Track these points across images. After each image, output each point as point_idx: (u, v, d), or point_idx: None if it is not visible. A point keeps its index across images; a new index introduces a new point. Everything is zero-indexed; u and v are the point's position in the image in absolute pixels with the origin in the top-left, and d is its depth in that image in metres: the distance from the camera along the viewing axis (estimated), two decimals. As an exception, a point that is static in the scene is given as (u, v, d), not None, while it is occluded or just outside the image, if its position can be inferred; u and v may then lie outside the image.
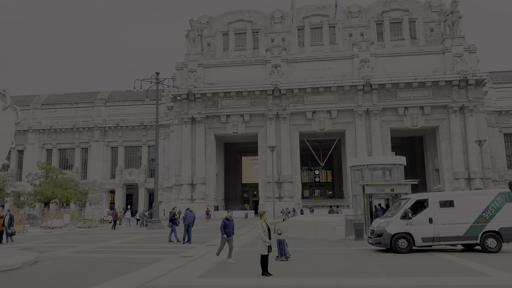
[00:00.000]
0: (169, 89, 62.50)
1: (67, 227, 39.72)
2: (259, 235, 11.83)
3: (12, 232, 24.37)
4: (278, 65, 63.94)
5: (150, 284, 10.66)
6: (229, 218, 14.88)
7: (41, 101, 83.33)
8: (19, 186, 72.04)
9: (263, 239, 11.67)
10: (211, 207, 63.24)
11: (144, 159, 78.77)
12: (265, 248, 11.65)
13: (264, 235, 11.67)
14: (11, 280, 11.52)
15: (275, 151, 54.56)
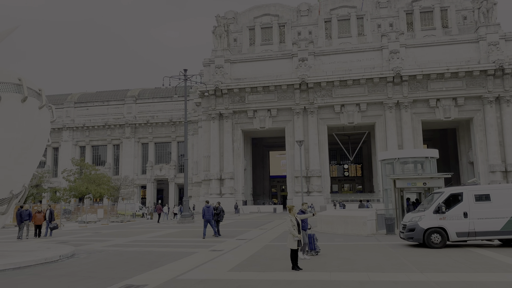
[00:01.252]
0: (196, 85, 63.12)
1: (100, 222, 40.96)
2: (288, 229, 11.81)
3: (54, 226, 25.28)
4: (305, 59, 63.34)
5: (181, 277, 10.83)
6: (305, 211, 14.39)
7: (74, 99, 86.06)
8: (55, 182, 74.88)
9: (293, 234, 11.65)
10: (239, 201, 63.68)
11: (174, 155, 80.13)
12: (294, 243, 11.62)
13: (294, 230, 11.65)
14: (50, 272, 11.99)
15: (303, 145, 54.23)
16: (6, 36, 16.03)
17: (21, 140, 13.76)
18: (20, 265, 12.93)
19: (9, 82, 13.48)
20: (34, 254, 14.79)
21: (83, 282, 10.36)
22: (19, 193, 14.80)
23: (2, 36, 15.95)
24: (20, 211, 23.80)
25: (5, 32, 16.14)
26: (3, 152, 13.31)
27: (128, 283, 10.02)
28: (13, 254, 14.69)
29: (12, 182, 14.14)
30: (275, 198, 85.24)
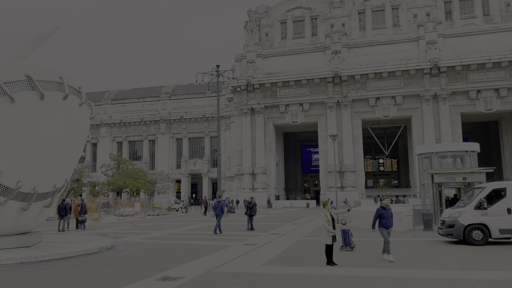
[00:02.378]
0: (229, 81, 63.55)
1: (137, 215, 42.15)
2: (323, 224, 11.71)
3: (82, 220, 26.14)
4: (338, 51, 62.32)
5: (216, 270, 10.98)
6: (386, 207, 12.60)
7: (111, 96, 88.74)
8: (94, 176, 77.68)
9: (327, 229, 11.55)
10: (272, 196, 63.79)
11: (207, 150, 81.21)
12: (329, 238, 11.52)
13: (328, 225, 11.54)
14: (92, 263, 12.47)
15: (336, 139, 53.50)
16: (47, 36, 16.71)
17: (63, 136, 14.34)
18: (64, 256, 13.52)
19: (51, 80, 14.06)
20: (77, 245, 15.43)
21: (123, 273, 10.70)
22: (61, 187, 15.45)
23: (44, 36, 16.64)
24: (64, 205, 24.84)
25: (46, 33, 16.83)
26: (47, 148, 13.92)
27: (166, 275, 10.27)
28: (57, 246, 15.38)
29: (55, 176, 14.79)
30: (308, 193, 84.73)
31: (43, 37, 16.65)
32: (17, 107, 13.12)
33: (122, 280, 9.82)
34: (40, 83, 13.58)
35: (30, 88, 13.43)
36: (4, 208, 13.56)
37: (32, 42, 16.51)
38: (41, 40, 16.63)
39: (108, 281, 9.75)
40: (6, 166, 13.12)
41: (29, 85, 13.43)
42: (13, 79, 13.24)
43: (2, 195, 13.32)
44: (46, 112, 13.67)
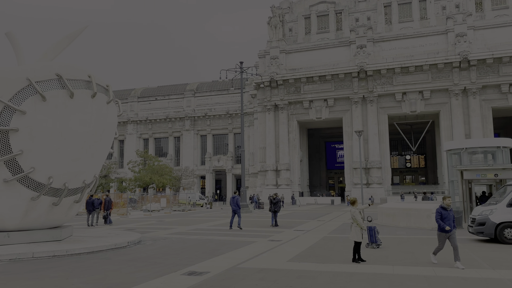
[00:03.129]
0: (252, 77, 63.58)
1: (163, 210, 42.85)
2: (353, 220, 11.60)
3: (105, 215, 26.69)
4: (364, 46, 61.34)
5: (241, 266, 11.04)
6: (447, 207, 11.22)
7: (137, 94, 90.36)
8: (121, 172, 79.42)
9: (361, 226, 11.50)
10: (296, 193, 63.59)
11: (231, 146, 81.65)
12: (360, 235, 11.48)
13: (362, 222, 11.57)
14: (120, 257, 12.77)
15: (361, 135, 52.81)
16: (76, 36, 17.13)
17: (92, 133, 14.71)
18: (93, 250, 13.90)
19: (80, 79, 14.43)
20: (105, 239, 15.82)
21: (150, 267, 10.91)
22: (90, 183, 15.86)
23: (73, 36, 17.07)
24: (91, 200, 25.50)
25: (75, 32, 17.25)
26: (77, 145, 14.31)
27: (191, 270, 10.40)
28: (87, 240, 15.82)
29: (84, 172, 15.19)
30: (333, 189, 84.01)
31: (72, 37, 17.08)
32: (48, 105, 13.53)
33: (149, 274, 10.01)
34: (69, 82, 13.96)
35: (60, 86, 13.82)
36: (37, 203, 14.05)
37: (62, 41, 16.96)
38: (71, 39, 17.06)
39: (136, 275, 9.96)
40: (38, 162, 13.57)
41: (59, 84, 13.83)
42: (44, 78, 13.66)
43: (35, 190, 13.79)
44: (75, 110, 14.04)
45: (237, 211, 21.50)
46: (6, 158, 13.08)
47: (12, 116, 13.11)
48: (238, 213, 21.54)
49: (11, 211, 13.84)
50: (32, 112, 13.29)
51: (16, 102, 13.16)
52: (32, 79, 13.35)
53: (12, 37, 16.24)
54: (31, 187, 13.71)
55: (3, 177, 13.24)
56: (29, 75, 13.47)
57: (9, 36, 16.26)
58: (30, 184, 13.67)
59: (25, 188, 13.64)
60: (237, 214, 21.55)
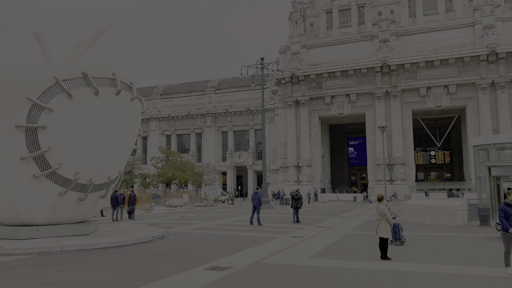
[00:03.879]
0: (273, 73, 63.41)
1: (186, 206, 43.38)
2: (381, 217, 11.45)
3: (129, 210, 27.12)
4: (387, 40, 60.26)
5: (264, 261, 11.07)
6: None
7: (160, 91, 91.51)
8: (145, 168, 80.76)
9: (390, 222, 11.38)
10: (317, 189, 63.22)
11: (252, 142, 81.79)
12: (389, 231, 11.36)
13: (391, 218, 11.48)
14: (144, 251, 13.01)
15: (385, 131, 52.01)
16: (101, 34, 17.45)
17: (117, 130, 14.99)
18: (118, 244, 14.21)
19: (105, 77, 14.71)
20: (130, 234, 16.14)
21: (173, 262, 11.07)
22: (115, 178, 16.19)
23: (98, 34, 17.39)
24: (116, 195, 26.01)
25: (100, 31, 17.57)
26: (102, 141, 14.62)
27: (214, 265, 10.50)
28: (112, 234, 16.17)
29: (109, 168, 15.51)
30: (355, 186, 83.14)
31: (96, 36, 17.40)
32: (75, 103, 13.86)
33: (173, 268, 10.16)
34: (94, 80, 14.26)
35: (86, 84, 14.13)
36: (64, 198, 14.44)
37: (87, 40, 17.30)
38: (95, 38, 17.39)
39: (160, 269, 10.12)
40: (66, 158, 13.94)
41: (85, 82, 14.14)
42: (71, 77, 13.99)
43: (62, 186, 14.18)
44: (100, 107, 14.34)
45: (257, 207, 21.54)
46: (35, 155, 13.49)
47: (40, 113, 13.49)
48: (258, 209, 21.59)
49: (40, 206, 14.28)
50: (59, 110, 13.64)
51: (44, 100, 13.53)
52: (59, 78, 13.69)
53: (40, 36, 16.67)
54: (58, 183, 14.10)
55: (32, 172, 13.66)
56: (56, 73, 13.82)
57: (37, 35, 16.70)
58: (57, 180, 14.06)
59: (53, 184, 14.03)
60: (256, 210, 21.61)
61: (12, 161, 13.52)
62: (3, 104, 13.41)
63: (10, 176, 13.68)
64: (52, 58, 16.46)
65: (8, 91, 13.47)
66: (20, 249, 12.49)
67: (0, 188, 13.91)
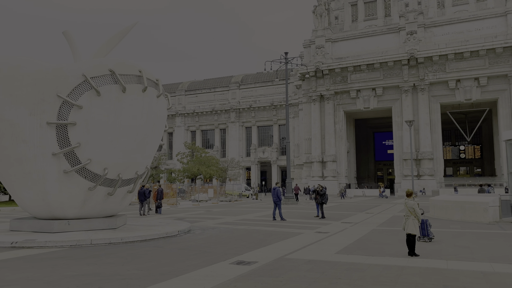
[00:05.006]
0: (297, 68, 63.01)
1: (211, 201, 43.81)
2: (410, 212, 11.24)
3: (158, 205, 27.63)
4: (414, 32, 58.80)
5: (289, 256, 11.07)
6: None
7: (185, 87, 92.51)
8: (171, 164, 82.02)
9: (419, 218, 11.18)
10: (342, 184, 62.60)
11: (275, 138, 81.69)
12: (418, 227, 11.16)
13: (420, 214, 11.28)
14: (171, 245, 13.23)
15: (412, 125, 50.94)
16: (127, 32, 17.76)
17: (144, 126, 15.27)
18: (146, 238, 14.50)
19: (132, 74, 14.98)
20: (157, 228, 16.45)
21: (200, 256, 11.22)
22: (142, 173, 16.51)
23: (124, 32, 17.70)
24: (143, 190, 26.53)
25: (126, 29, 17.88)
26: (129, 137, 14.93)
27: (240, 259, 10.57)
28: (139, 228, 16.52)
29: (137, 164, 15.84)
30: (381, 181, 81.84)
31: (123, 34, 17.73)
32: (102, 100, 14.18)
33: (199, 262, 10.30)
34: (122, 77, 14.54)
35: (113, 81, 14.43)
36: (93, 193, 14.85)
37: (114, 38, 17.66)
38: (122, 36, 17.72)
39: (187, 263, 10.28)
40: (94, 154, 14.31)
41: (112, 79, 14.44)
42: (99, 74, 14.31)
43: (92, 181, 14.58)
44: (128, 104, 14.62)
45: (277, 202, 21.58)
46: (65, 151, 13.91)
47: (70, 110, 13.88)
48: (278, 205, 21.61)
49: (70, 200, 14.73)
50: (88, 107, 14.00)
51: (73, 97, 13.91)
52: (88, 75, 14.03)
53: (69, 35, 17.13)
54: (88, 178, 14.50)
55: (63, 168, 14.09)
56: (85, 71, 14.17)
57: (66, 34, 17.17)
58: (87, 175, 14.46)
59: (82, 179, 14.44)
60: (277, 206, 21.60)
61: (44, 157, 13.98)
62: (34, 102, 13.86)
63: (42, 172, 14.15)
64: (80, 56, 16.88)
65: (40, 89, 13.90)
66: (52, 242, 12.93)
67: (33, 183, 14.42)
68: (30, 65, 14.61)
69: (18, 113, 13.85)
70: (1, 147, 14.30)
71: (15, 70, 14.35)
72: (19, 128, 13.90)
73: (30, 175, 14.32)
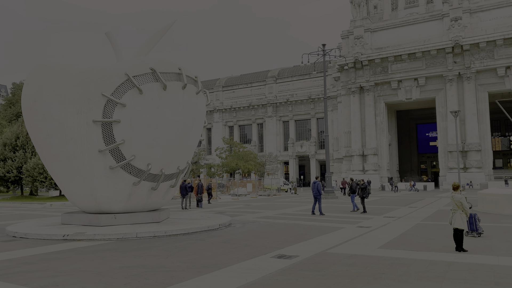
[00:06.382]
0: (335, 59, 61.91)
1: (250, 195, 44.16)
2: (457, 206, 10.82)
3: (199, 199, 28.15)
4: (459, 18, 56.15)
5: (330, 251, 10.96)
6: None
7: (222, 83, 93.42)
8: (210, 159, 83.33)
9: (467, 212, 10.74)
10: (384, 178, 61.15)
11: (314, 131, 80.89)
12: (465, 222, 10.73)
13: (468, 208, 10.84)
14: (213, 238, 13.47)
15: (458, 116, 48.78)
16: (166, 31, 18.13)
17: (184, 122, 15.60)
18: (188, 231, 14.85)
19: (172, 72, 15.32)
20: (199, 222, 16.80)
21: (241, 249, 11.35)
22: (184, 168, 16.89)
23: (163, 31, 18.09)
24: (184, 185, 27.14)
25: (165, 28, 18.26)
26: (171, 133, 15.30)
27: (281, 253, 10.59)
28: (182, 222, 16.93)
29: (178, 159, 16.22)
30: (425, 174, 79.15)
31: (162, 32, 18.13)
32: (145, 97, 14.61)
33: (240, 255, 10.42)
34: (162, 75, 14.91)
35: (154, 80, 14.81)
36: (138, 188, 15.36)
37: (154, 37, 18.09)
38: (161, 35, 18.13)
39: (228, 256, 10.43)
40: (138, 150, 14.79)
41: (153, 77, 14.82)
42: (140, 73, 14.74)
43: (136, 176, 15.08)
44: (168, 101, 14.98)
45: (317, 197, 21.36)
46: (111, 147, 14.46)
47: (114, 108, 14.40)
48: (318, 199, 21.40)
49: (116, 195, 15.33)
50: (131, 105, 14.46)
51: (117, 96, 14.41)
52: (130, 74, 14.48)
53: (111, 36, 17.72)
54: (132, 173, 15.02)
55: (109, 164, 14.67)
56: (127, 70, 14.63)
57: (108, 35, 17.76)
58: (132, 171, 14.98)
59: (127, 174, 14.97)
60: (317, 200, 21.41)
61: (91, 154, 14.60)
62: (81, 101, 14.48)
63: (89, 168, 14.80)
64: (122, 56, 17.43)
65: (86, 89, 14.51)
66: (100, 235, 13.52)
67: (82, 179, 15.12)
68: (76, 66, 15.28)
69: (67, 112, 14.53)
70: (52, 145, 15.09)
71: (62, 71, 15.06)
72: (67, 126, 14.59)
73: (79, 171, 15.01)
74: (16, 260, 10.21)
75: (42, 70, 15.34)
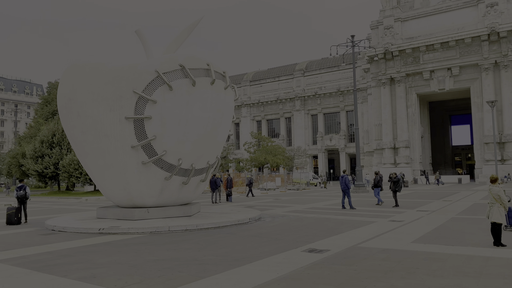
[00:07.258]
0: (364, 51, 60.70)
1: (279, 189, 44.15)
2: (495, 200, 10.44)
3: (228, 193, 28.43)
4: (495, 3, 53.82)
5: (362, 245, 10.82)
6: None
7: (249, 78, 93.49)
8: (238, 153, 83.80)
9: (505, 206, 10.35)
10: (416, 171, 59.72)
11: (343, 125, 79.81)
12: (503, 216, 10.34)
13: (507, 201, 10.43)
14: (243, 232, 13.58)
15: (495, 106, 46.92)
16: (194, 27, 18.30)
17: (213, 118, 15.75)
18: (219, 225, 15.03)
19: (200, 68, 15.47)
20: (229, 216, 16.97)
21: (271, 243, 11.38)
22: (213, 163, 17.07)
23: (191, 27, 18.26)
24: (214, 179, 27.46)
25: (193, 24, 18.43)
26: (200, 129, 15.48)
27: (311, 247, 10.55)
28: (213, 216, 17.15)
29: (208, 154, 16.41)
30: (459, 167, 76.71)
31: (190, 29, 18.31)
32: (175, 94, 14.83)
33: (271, 249, 10.45)
34: (191, 71, 15.07)
35: (184, 76, 15.00)
36: (169, 182, 15.66)
37: (182, 34, 18.30)
38: (189, 31, 18.32)
39: (259, 249, 10.48)
40: (169, 146, 15.06)
41: (183, 74, 15.01)
42: (170, 69, 14.96)
43: (167, 171, 15.37)
44: (198, 97, 15.15)
45: (346, 191, 21.01)
46: (143, 143, 14.79)
47: (145, 105, 14.70)
48: (347, 193, 21.05)
49: (149, 189, 15.69)
50: (161, 101, 14.72)
51: (148, 93, 14.70)
52: (160, 71, 14.72)
53: (141, 34, 18.07)
54: (164, 168, 15.32)
55: (141, 159, 15.01)
56: (157, 67, 14.88)
57: (138, 33, 18.13)
58: (163, 166, 15.28)
59: (159, 169, 15.29)
60: (346, 194, 21.11)
61: (124, 150, 14.98)
62: (114, 99, 14.85)
63: (123, 163, 15.20)
64: (152, 53, 17.75)
65: (118, 86, 14.87)
66: (134, 228, 13.89)
67: (116, 174, 15.55)
68: (108, 64, 15.68)
69: (100, 109, 14.95)
70: (87, 141, 15.59)
71: (95, 70, 15.49)
72: (101, 123, 15.02)
73: (112, 167, 15.45)
74: (56, 252, 10.64)
75: (75, 70, 15.83)
